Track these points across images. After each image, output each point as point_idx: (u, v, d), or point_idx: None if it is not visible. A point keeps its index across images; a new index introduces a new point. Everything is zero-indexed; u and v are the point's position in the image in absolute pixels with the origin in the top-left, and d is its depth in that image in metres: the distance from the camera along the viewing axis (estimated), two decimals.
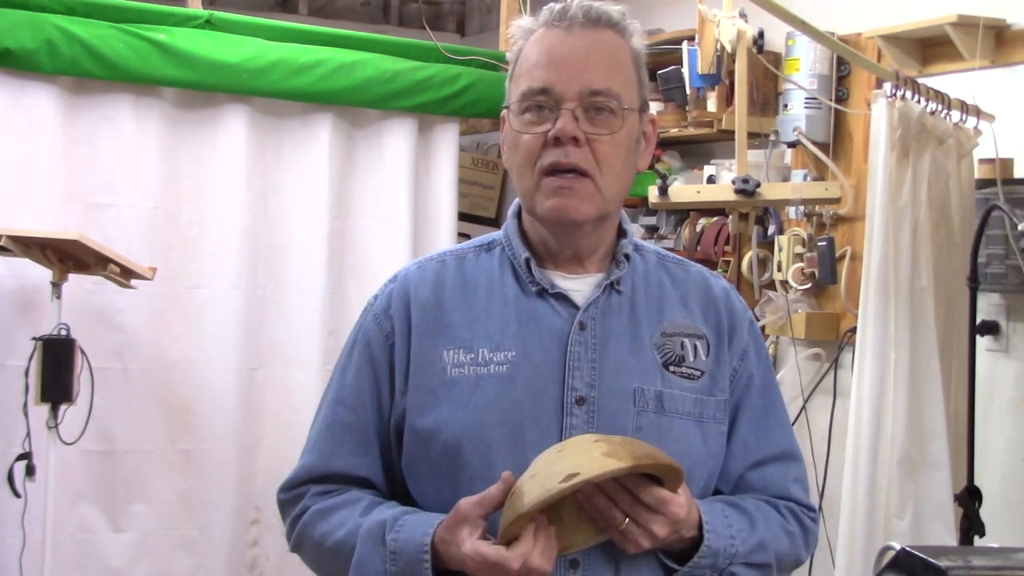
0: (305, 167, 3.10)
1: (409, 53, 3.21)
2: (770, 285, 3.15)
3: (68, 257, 2.61)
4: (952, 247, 2.39)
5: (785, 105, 3.04)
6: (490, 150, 4.50)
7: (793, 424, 3.08)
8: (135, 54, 2.82)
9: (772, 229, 3.14)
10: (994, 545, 1.21)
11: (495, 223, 4.31)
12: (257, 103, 3.03)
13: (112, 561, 2.86)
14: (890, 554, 1.14)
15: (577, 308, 1.32)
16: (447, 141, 3.31)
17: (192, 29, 2.92)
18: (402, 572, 1.24)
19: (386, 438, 1.35)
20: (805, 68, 2.98)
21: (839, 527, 2.37)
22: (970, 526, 2.15)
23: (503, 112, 1.35)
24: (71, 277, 2.64)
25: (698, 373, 1.33)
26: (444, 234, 3.29)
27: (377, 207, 3.20)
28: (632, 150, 1.32)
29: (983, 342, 2.61)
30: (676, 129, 3.40)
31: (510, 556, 1.17)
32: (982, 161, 2.55)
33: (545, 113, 1.28)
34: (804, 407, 3.05)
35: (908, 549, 1.12)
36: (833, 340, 3.05)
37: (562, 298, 1.33)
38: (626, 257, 1.36)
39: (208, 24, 2.95)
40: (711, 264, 3.19)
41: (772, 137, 3.09)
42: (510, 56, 1.36)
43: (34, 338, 2.58)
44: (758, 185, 2.54)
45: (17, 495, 2.62)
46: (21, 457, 2.61)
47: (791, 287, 3.09)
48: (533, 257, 1.35)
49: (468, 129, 3.65)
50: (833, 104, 2.95)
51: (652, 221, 3.57)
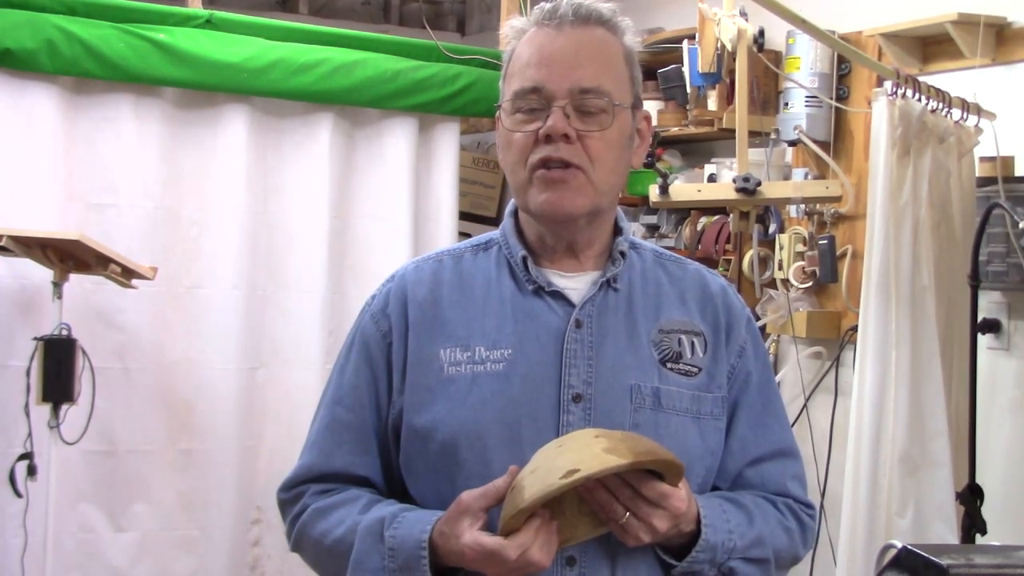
0: (305, 167, 3.10)
1: (409, 52, 3.21)
2: (771, 284, 3.14)
3: (69, 257, 2.61)
4: (953, 245, 2.39)
5: (786, 103, 3.04)
6: (490, 149, 4.49)
7: (794, 423, 3.07)
8: (135, 54, 2.81)
9: (773, 228, 3.13)
10: (996, 543, 1.21)
11: (496, 222, 4.30)
12: (257, 103, 3.02)
13: (113, 561, 2.86)
14: (892, 552, 1.14)
15: (573, 306, 1.32)
16: (447, 140, 3.31)
17: (192, 29, 2.92)
18: (400, 568, 1.24)
19: (385, 437, 1.35)
20: (806, 66, 2.97)
21: (840, 525, 2.36)
22: (972, 524, 2.14)
23: (497, 112, 1.35)
24: (72, 277, 2.64)
25: (695, 370, 1.33)
26: (445, 233, 3.29)
27: (377, 206, 3.20)
28: (625, 147, 1.33)
29: (984, 340, 2.61)
30: (677, 128, 3.40)
31: (508, 545, 1.17)
32: (983, 159, 2.55)
33: (536, 112, 1.28)
34: (805, 406, 3.05)
35: (909, 547, 1.12)
36: (834, 339, 3.05)
37: (558, 296, 1.33)
38: (622, 255, 1.36)
39: (208, 24, 2.95)
40: (712, 263, 3.19)
41: (773, 136, 3.08)
42: (503, 57, 1.36)
43: (35, 338, 2.57)
44: (759, 184, 2.54)
45: (19, 495, 2.62)
46: (22, 457, 2.61)
47: (792, 286, 3.08)
48: (530, 255, 1.35)
49: (468, 128, 3.65)
50: (834, 102, 2.95)
51: (653, 220, 3.57)
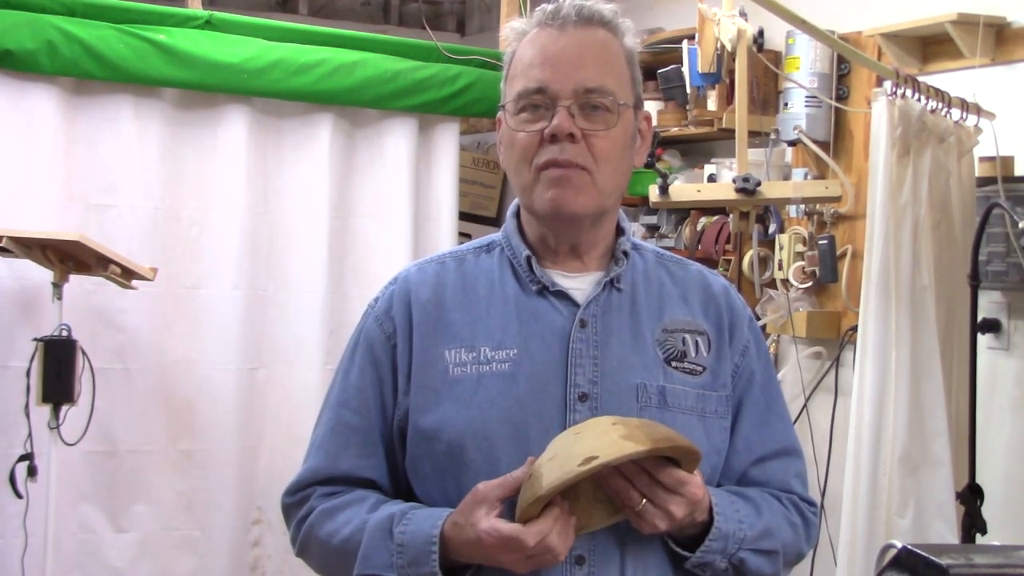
0: (305, 167, 3.10)
1: (409, 53, 3.21)
2: (771, 284, 3.14)
3: (69, 258, 2.61)
4: (953, 245, 2.39)
5: (785, 104, 3.04)
6: (490, 150, 4.49)
7: (795, 423, 3.08)
8: (135, 55, 2.82)
9: (773, 228, 3.14)
10: (996, 543, 1.21)
11: (496, 223, 4.31)
12: (257, 103, 3.02)
13: (114, 561, 2.86)
14: (892, 552, 1.14)
15: (578, 305, 1.33)
16: (447, 141, 3.31)
17: (192, 29, 2.92)
18: (409, 564, 1.24)
19: (390, 439, 1.35)
20: (805, 66, 2.97)
21: (840, 525, 2.36)
22: (972, 524, 2.14)
23: (499, 113, 1.36)
24: (72, 278, 2.64)
25: (700, 368, 1.34)
26: (445, 234, 3.29)
27: (378, 207, 3.20)
28: (628, 146, 1.34)
29: (984, 340, 2.61)
30: (676, 128, 3.40)
31: (527, 532, 1.18)
32: (982, 159, 2.55)
33: (541, 112, 1.29)
34: (805, 406, 3.05)
35: (910, 547, 1.12)
36: (834, 339, 3.05)
37: (562, 296, 1.34)
38: (625, 255, 1.37)
39: (208, 24, 2.95)
40: (712, 263, 3.19)
41: (772, 136, 3.08)
42: (505, 58, 1.37)
43: (35, 339, 2.58)
44: (759, 184, 2.54)
45: (19, 496, 2.62)
46: (23, 458, 2.61)
47: (792, 286, 3.08)
48: (533, 256, 1.35)
49: (468, 128, 3.65)
50: (833, 102, 2.95)
51: (653, 220, 3.57)
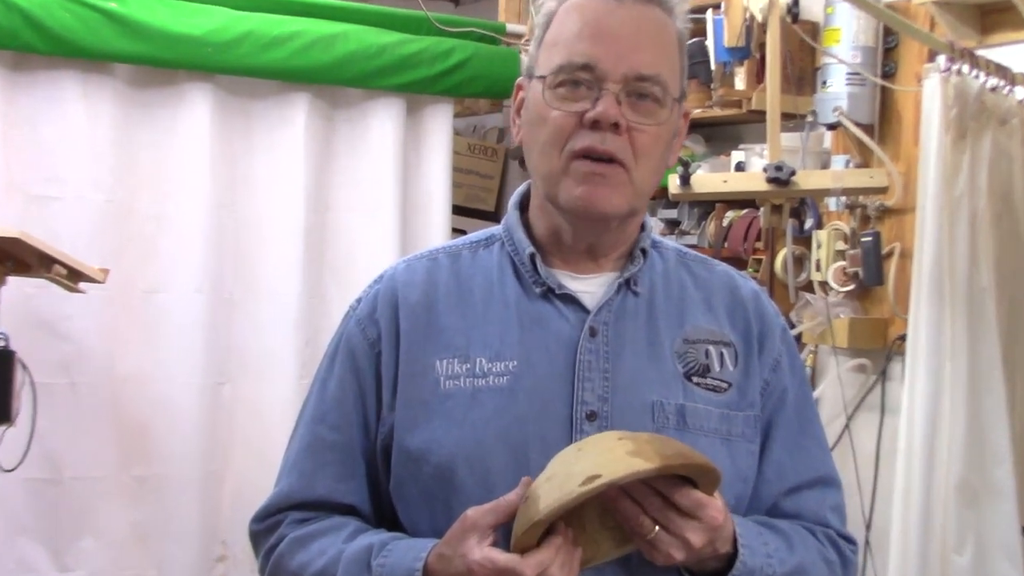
0: (278, 154, 3.10)
1: (396, 24, 3.22)
2: (807, 287, 3.13)
3: (7, 257, 2.60)
4: (1017, 241, 2.38)
5: (824, 82, 3.02)
6: (488, 134, 4.48)
7: (835, 446, 3.04)
8: (83, 25, 2.81)
9: (809, 223, 3.12)
10: None
11: (495, 218, 4.30)
12: (223, 81, 3.03)
13: None
14: None
15: (587, 311, 1.32)
16: (440, 124, 3.32)
17: None
18: None
19: (373, 459, 1.35)
20: (847, 39, 2.96)
21: (889, 563, 2.35)
22: None
23: (520, 79, 1.35)
24: (10, 280, 2.62)
25: (725, 385, 1.34)
26: (437, 229, 3.31)
27: (361, 199, 3.21)
28: (669, 144, 1.34)
29: None
30: (700, 110, 3.38)
31: (524, 563, 1.16)
32: None
33: (583, 91, 1.28)
34: (847, 426, 3.03)
35: None
36: (880, 349, 3.03)
37: (570, 300, 1.33)
38: (643, 252, 1.36)
39: None
40: (740, 263, 3.18)
41: (809, 118, 3.06)
42: (538, 18, 1.36)
43: None
44: (793, 173, 2.53)
45: None
46: None
47: (831, 289, 3.07)
48: (538, 253, 1.35)
49: (463, 110, 3.64)
50: (879, 80, 2.93)
51: (673, 215, 3.55)
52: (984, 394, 2.27)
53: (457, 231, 3.34)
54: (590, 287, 1.34)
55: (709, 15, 2.95)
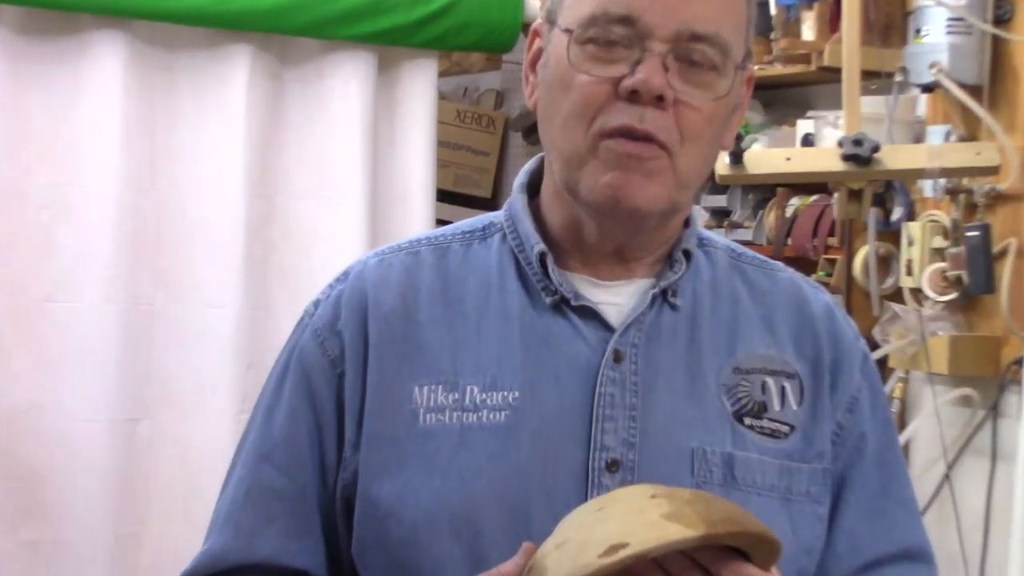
0: (211, 122, 3.12)
1: None
2: (895, 295, 3.14)
3: None
4: None
5: (918, 31, 3.02)
6: (483, 98, 4.49)
7: (930, 504, 3.03)
8: None
9: (898, 213, 3.13)
10: None
11: (492, 206, 4.30)
12: (140, 29, 3.04)
13: None
14: None
15: (611, 330, 1.32)
16: (420, 85, 3.34)
17: None
18: None
19: (331, 511, 1.35)
20: None
21: None
22: None
23: (537, 24, 1.35)
24: None
25: (786, 429, 1.34)
26: (417, 222, 3.32)
27: (320, 182, 3.23)
28: (726, 122, 1.34)
29: None
30: (757, 67, 3.39)
31: None
32: None
33: (619, 51, 1.27)
34: (947, 476, 3.03)
35: None
36: (992, 377, 3.03)
37: (589, 314, 1.33)
38: (686, 255, 1.36)
39: None
40: (808, 265, 3.18)
41: (898, 77, 3.07)
42: None
43: None
44: (877, 148, 2.54)
45: None
46: None
47: (927, 299, 3.07)
48: (550, 251, 1.34)
49: (451, 67, 3.64)
50: (990, 28, 2.93)
51: (722, 202, 3.57)
52: None
53: (442, 222, 3.35)
54: (616, 298, 1.35)
55: None
